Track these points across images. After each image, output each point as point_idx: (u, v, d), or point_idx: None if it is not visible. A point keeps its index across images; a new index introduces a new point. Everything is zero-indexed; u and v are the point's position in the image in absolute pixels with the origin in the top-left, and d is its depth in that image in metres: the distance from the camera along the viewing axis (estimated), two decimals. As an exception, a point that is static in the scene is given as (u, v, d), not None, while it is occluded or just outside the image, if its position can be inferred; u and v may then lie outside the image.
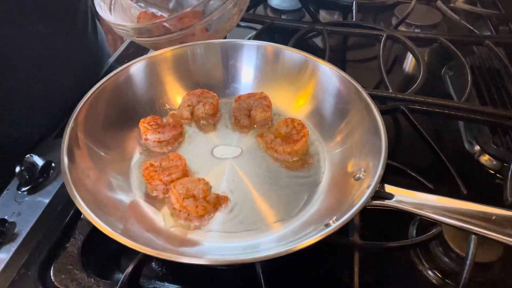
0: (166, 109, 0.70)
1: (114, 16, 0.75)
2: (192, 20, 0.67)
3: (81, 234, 0.55)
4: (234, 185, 0.59)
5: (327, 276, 0.54)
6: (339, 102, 0.65)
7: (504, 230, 0.42)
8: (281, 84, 0.71)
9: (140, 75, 0.67)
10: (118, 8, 0.77)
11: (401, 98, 0.75)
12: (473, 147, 0.73)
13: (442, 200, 0.46)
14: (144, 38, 0.70)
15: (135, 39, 0.71)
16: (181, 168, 0.58)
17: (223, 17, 0.70)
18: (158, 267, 0.54)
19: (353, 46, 1.05)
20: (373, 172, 0.50)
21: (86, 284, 0.50)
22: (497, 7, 1.06)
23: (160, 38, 0.69)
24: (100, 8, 0.72)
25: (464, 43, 0.93)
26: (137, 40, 0.71)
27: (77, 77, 0.77)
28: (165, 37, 0.68)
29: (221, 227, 0.54)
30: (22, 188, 0.59)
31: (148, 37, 0.69)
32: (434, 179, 0.62)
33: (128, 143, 0.63)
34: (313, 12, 1.00)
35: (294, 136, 0.63)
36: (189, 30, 0.68)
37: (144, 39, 0.70)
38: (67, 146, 0.52)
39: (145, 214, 0.55)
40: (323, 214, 0.53)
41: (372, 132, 0.55)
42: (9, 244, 0.54)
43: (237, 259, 0.46)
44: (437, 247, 0.55)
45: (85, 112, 0.57)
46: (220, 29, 0.75)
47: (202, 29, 0.71)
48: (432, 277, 0.54)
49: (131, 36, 0.71)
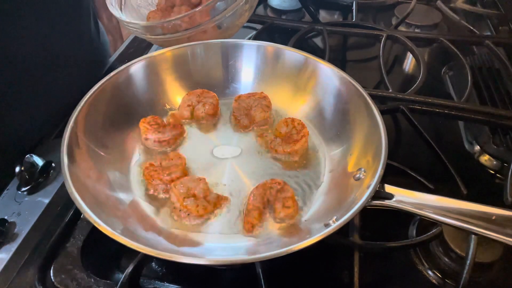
0: (166, 109, 0.70)
1: (125, 14, 0.76)
2: (203, 17, 0.67)
3: (81, 234, 0.55)
4: (234, 185, 0.59)
5: (327, 276, 0.54)
6: (339, 102, 0.65)
7: (504, 230, 0.42)
8: (281, 84, 0.71)
9: (140, 75, 0.67)
10: (128, 7, 0.78)
11: (401, 98, 0.75)
12: (473, 147, 0.73)
13: (442, 200, 0.46)
14: (156, 36, 0.70)
15: (146, 37, 0.71)
16: (181, 167, 0.58)
17: (235, 14, 0.70)
18: (158, 267, 0.54)
19: (353, 46, 1.05)
20: (373, 172, 0.50)
21: (86, 284, 0.50)
22: (497, 7, 1.06)
23: (172, 36, 0.69)
24: (112, 6, 0.72)
25: (464, 43, 0.93)
26: (148, 38, 0.71)
27: (78, 77, 0.77)
28: (176, 35, 0.68)
29: (221, 227, 0.54)
30: (22, 188, 0.59)
31: (159, 35, 0.69)
32: (434, 179, 0.61)
33: (128, 143, 0.63)
34: (313, 12, 1.00)
35: (294, 136, 0.63)
36: (200, 28, 0.68)
37: (156, 37, 0.70)
38: (67, 146, 0.52)
39: (145, 213, 0.55)
40: (323, 214, 0.53)
41: (372, 132, 0.55)
42: (9, 244, 0.54)
43: (237, 259, 0.46)
44: (437, 247, 0.55)
45: (85, 112, 0.57)
46: (232, 26, 0.75)
47: (214, 26, 0.71)
48: (432, 277, 0.54)
49: (142, 34, 0.71)
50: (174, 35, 0.68)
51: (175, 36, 0.68)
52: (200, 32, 0.70)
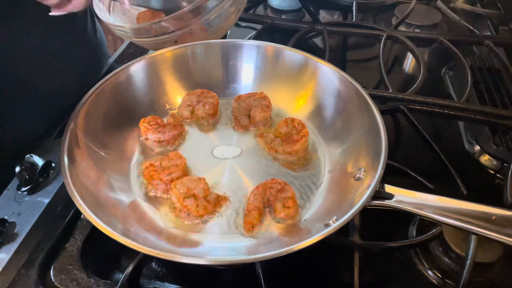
0: (166, 109, 0.70)
1: (113, 17, 0.75)
2: (190, 19, 0.67)
3: (81, 234, 0.55)
4: (234, 185, 0.59)
5: (327, 276, 0.54)
6: (339, 102, 0.65)
7: (504, 230, 0.42)
8: (281, 84, 0.71)
9: (140, 75, 0.67)
10: (117, 8, 0.77)
11: (401, 98, 0.75)
12: (473, 147, 0.73)
13: (442, 200, 0.46)
14: (143, 38, 0.70)
15: (134, 40, 0.71)
16: (181, 167, 0.58)
17: (221, 17, 0.70)
18: (158, 267, 0.54)
19: (353, 46, 1.05)
20: (373, 172, 0.50)
21: (86, 284, 0.50)
22: (497, 7, 1.06)
23: (158, 38, 0.69)
24: (99, 10, 0.72)
25: (464, 43, 0.93)
26: (136, 41, 0.71)
27: (77, 77, 0.77)
28: (163, 37, 0.68)
29: (221, 227, 0.54)
30: (22, 188, 0.59)
31: (147, 37, 0.69)
32: (434, 179, 0.62)
33: (128, 143, 0.63)
34: (313, 12, 1.00)
35: (294, 136, 0.63)
36: (186, 30, 0.68)
37: (143, 39, 0.70)
38: (67, 146, 0.52)
39: (145, 213, 0.55)
40: (323, 214, 0.53)
41: (372, 132, 0.55)
42: (9, 244, 0.54)
43: (237, 259, 0.46)
44: (437, 247, 0.55)
45: (85, 112, 0.57)
46: (218, 28, 0.75)
47: (202, 27, 0.71)
48: (432, 277, 0.54)
49: (130, 37, 0.71)
50: (161, 37, 0.68)
51: (162, 38, 0.68)
52: (187, 34, 0.70)
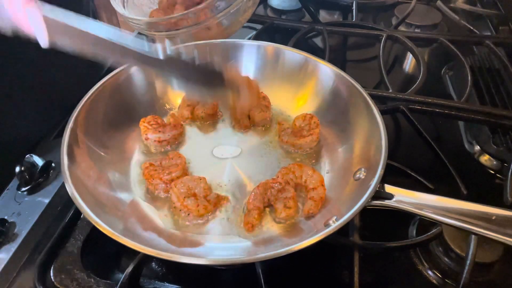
0: (166, 109, 0.70)
1: (128, 11, 0.76)
2: (207, 14, 0.67)
3: (81, 234, 0.55)
4: (234, 185, 0.59)
5: (327, 276, 0.54)
6: (339, 102, 0.65)
7: (504, 230, 0.42)
8: (281, 84, 0.71)
9: (140, 75, 0.67)
10: (130, 4, 0.78)
11: (401, 98, 0.75)
12: (473, 147, 0.73)
13: (442, 200, 0.46)
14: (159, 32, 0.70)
15: (149, 33, 0.71)
16: (181, 166, 0.58)
17: (239, 10, 0.71)
18: (158, 267, 0.54)
19: (353, 46, 1.05)
20: (373, 172, 0.50)
21: (86, 284, 0.50)
22: (497, 7, 1.06)
23: (176, 32, 0.69)
24: (115, 3, 0.72)
25: (464, 43, 0.93)
26: (151, 34, 0.71)
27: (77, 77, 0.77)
28: (181, 31, 0.68)
29: (221, 227, 0.54)
30: (22, 188, 0.59)
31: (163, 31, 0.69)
32: (434, 179, 0.61)
33: (128, 142, 0.63)
34: (313, 12, 1.00)
35: (303, 132, 0.63)
36: (204, 25, 0.68)
37: (159, 33, 0.70)
38: (67, 146, 0.52)
39: (145, 213, 0.55)
40: (323, 214, 0.53)
41: (372, 132, 0.55)
42: (9, 244, 0.54)
43: (237, 259, 0.46)
44: (437, 247, 0.55)
45: (85, 112, 0.57)
46: (235, 22, 0.75)
47: (218, 23, 0.71)
48: (432, 277, 0.54)
49: (145, 30, 0.71)
50: (179, 31, 0.68)
51: (180, 32, 0.68)
52: (204, 29, 0.70)
